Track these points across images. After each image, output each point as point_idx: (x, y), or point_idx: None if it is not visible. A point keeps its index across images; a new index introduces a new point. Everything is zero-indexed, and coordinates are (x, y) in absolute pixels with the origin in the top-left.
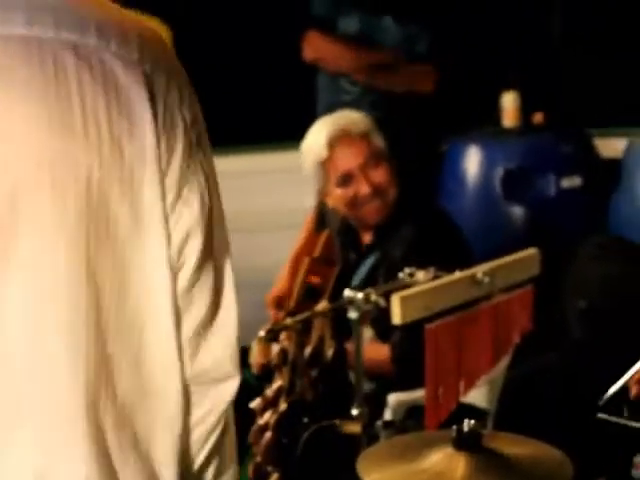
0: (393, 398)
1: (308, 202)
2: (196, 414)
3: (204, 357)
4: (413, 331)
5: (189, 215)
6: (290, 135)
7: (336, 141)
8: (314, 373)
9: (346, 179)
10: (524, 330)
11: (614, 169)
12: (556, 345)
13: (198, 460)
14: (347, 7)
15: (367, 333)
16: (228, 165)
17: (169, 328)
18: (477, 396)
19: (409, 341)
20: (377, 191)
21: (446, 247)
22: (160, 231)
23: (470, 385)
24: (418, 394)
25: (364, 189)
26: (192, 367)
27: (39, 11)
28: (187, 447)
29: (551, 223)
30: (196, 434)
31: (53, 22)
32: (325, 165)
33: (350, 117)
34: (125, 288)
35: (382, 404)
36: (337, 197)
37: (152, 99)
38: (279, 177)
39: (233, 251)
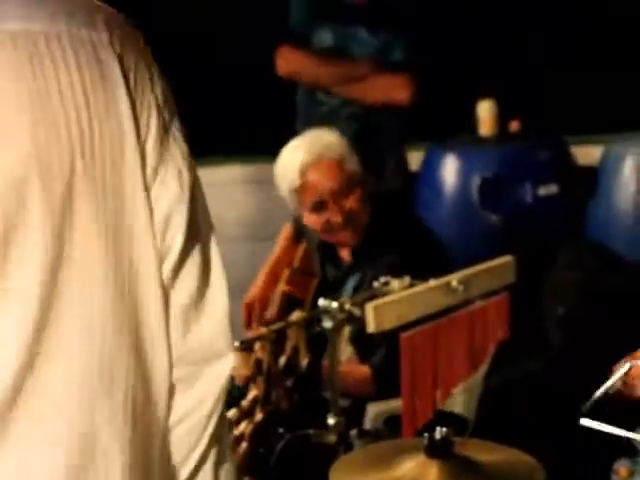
0: (372, 408)
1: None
2: (191, 397)
3: (195, 335)
4: (394, 351)
5: (168, 193)
6: (270, 147)
7: (309, 168)
8: (289, 383)
9: (318, 206)
10: (500, 338)
11: (591, 176)
12: (535, 352)
13: (198, 449)
14: (321, 20)
15: (345, 352)
16: (210, 176)
17: (158, 309)
18: (455, 404)
19: (391, 361)
20: (349, 218)
21: (427, 264)
22: (143, 210)
23: (447, 393)
24: (396, 403)
25: (336, 217)
26: (183, 346)
27: (7, 3)
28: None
29: (528, 231)
30: (192, 420)
31: (24, 14)
32: (298, 191)
33: (323, 141)
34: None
35: (359, 414)
36: (311, 222)
37: (125, 77)
38: (257, 188)
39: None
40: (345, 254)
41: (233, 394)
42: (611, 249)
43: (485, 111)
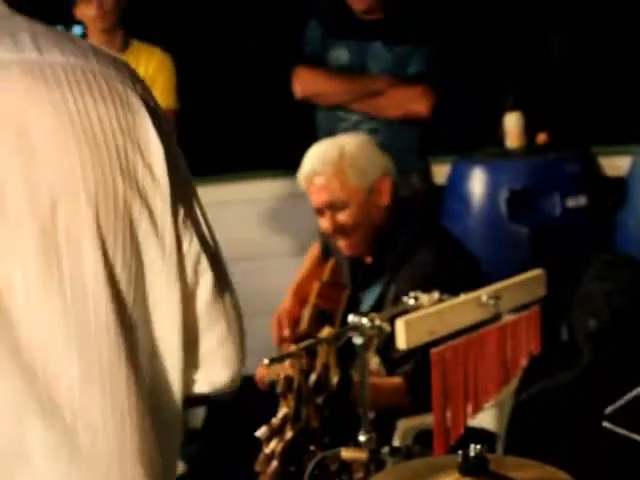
0: (402, 423)
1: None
2: None
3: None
4: (425, 360)
5: (195, 233)
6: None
7: (311, 177)
8: (319, 400)
9: (318, 212)
10: (532, 352)
11: (619, 187)
12: (567, 366)
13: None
14: (336, 38)
15: (372, 363)
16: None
17: None
18: (485, 419)
19: (423, 370)
20: (340, 230)
21: (457, 278)
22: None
23: (478, 408)
24: (427, 419)
25: (327, 226)
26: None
27: (43, 38)
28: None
29: (557, 243)
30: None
31: (60, 49)
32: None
33: (326, 154)
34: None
35: (389, 430)
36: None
37: (150, 113)
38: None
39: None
40: (368, 259)
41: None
42: None
43: (512, 123)
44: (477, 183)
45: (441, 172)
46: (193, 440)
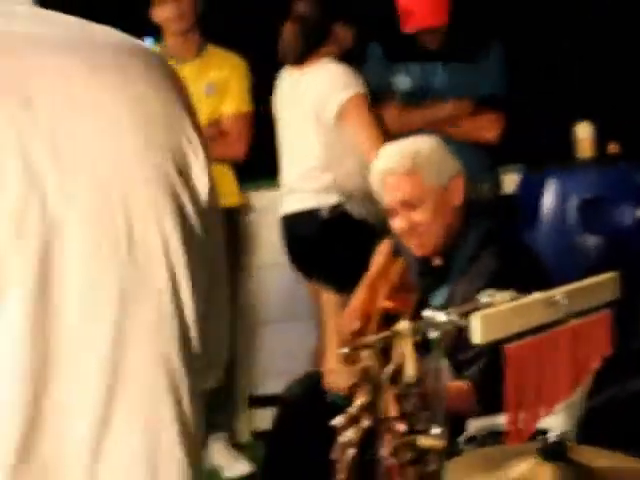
0: (473, 424)
1: None
2: None
3: None
4: (492, 364)
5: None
6: None
7: (385, 175)
8: (395, 391)
9: (391, 212)
10: (603, 354)
11: None
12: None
13: None
14: (396, 62)
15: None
16: None
17: None
18: (552, 421)
19: (490, 373)
20: (413, 230)
21: (528, 279)
22: None
23: (549, 410)
24: (498, 419)
25: (400, 225)
26: None
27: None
28: None
29: (628, 253)
30: None
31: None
32: (381, 196)
33: (403, 152)
34: None
35: (458, 431)
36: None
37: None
38: None
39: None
40: (436, 260)
41: (339, 403)
42: None
43: (583, 133)
44: (548, 192)
45: (511, 181)
46: (262, 441)
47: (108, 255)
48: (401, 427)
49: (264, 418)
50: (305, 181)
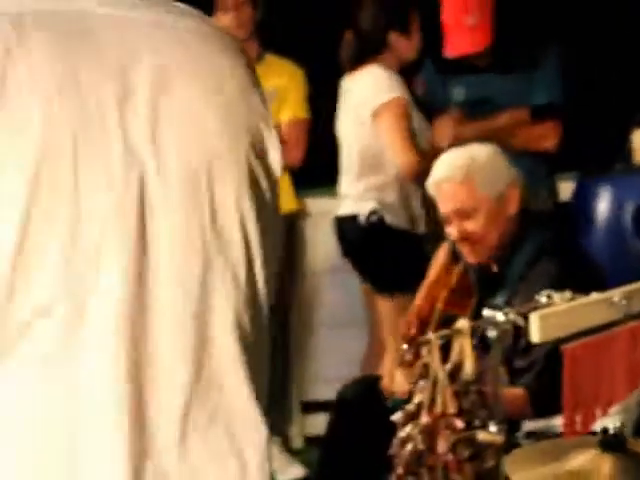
0: (528, 426)
1: None
2: None
3: None
4: (547, 371)
5: None
6: None
7: (440, 184)
8: (454, 388)
9: (445, 219)
10: None
11: None
12: None
13: None
14: (451, 75)
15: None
16: None
17: None
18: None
19: (544, 381)
20: (467, 238)
21: (586, 283)
22: None
23: (605, 411)
24: (553, 422)
25: (454, 234)
26: None
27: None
28: None
29: None
30: None
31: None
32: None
33: (457, 162)
34: None
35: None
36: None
37: None
38: None
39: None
40: (493, 266)
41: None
42: None
43: (639, 140)
44: (603, 199)
45: (568, 189)
46: (315, 446)
47: (195, 224)
48: (459, 423)
49: (316, 424)
50: (350, 186)
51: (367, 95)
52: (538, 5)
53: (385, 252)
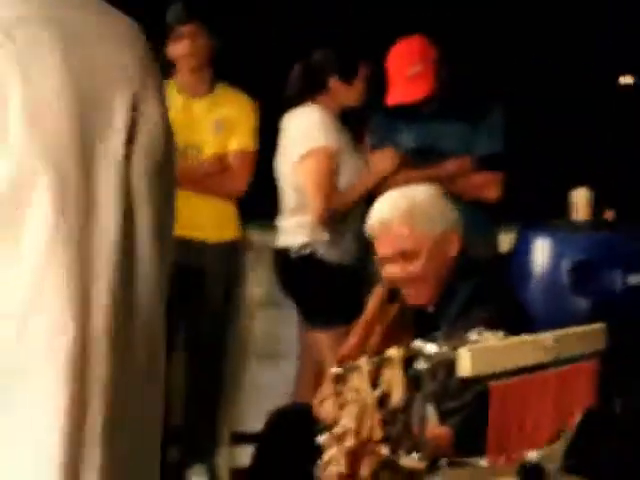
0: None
1: None
2: None
3: None
4: (475, 415)
5: None
6: None
7: (380, 225)
8: (381, 415)
9: (383, 260)
10: (586, 404)
11: None
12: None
13: None
14: (401, 122)
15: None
16: None
17: None
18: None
19: (471, 424)
20: (409, 279)
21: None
22: None
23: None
24: (479, 462)
25: (394, 273)
26: None
27: None
28: None
29: (616, 318)
30: None
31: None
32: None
33: (395, 202)
34: None
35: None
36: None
37: None
38: None
39: None
40: (430, 310)
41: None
42: None
43: (580, 198)
44: (541, 252)
45: (507, 240)
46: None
47: None
48: (384, 450)
49: (244, 455)
50: (285, 220)
51: (297, 138)
52: (488, 59)
53: (317, 285)
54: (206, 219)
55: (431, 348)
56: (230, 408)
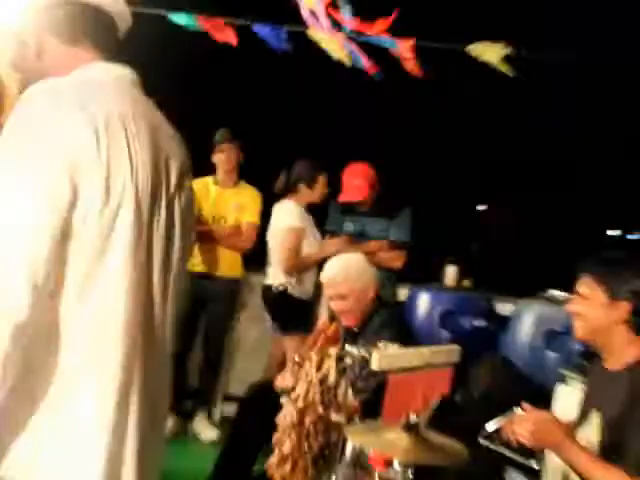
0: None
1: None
2: None
3: None
4: (376, 394)
5: None
6: None
7: (328, 277)
8: (321, 389)
9: (329, 298)
10: (443, 392)
11: (507, 320)
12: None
13: None
14: (346, 215)
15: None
16: None
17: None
18: None
19: (373, 400)
20: (342, 310)
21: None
22: None
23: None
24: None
25: (335, 307)
26: None
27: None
28: None
29: (468, 345)
30: None
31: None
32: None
33: (337, 265)
34: None
35: None
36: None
37: None
38: None
39: None
40: (355, 330)
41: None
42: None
43: (450, 271)
44: (423, 302)
45: (403, 293)
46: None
47: None
48: (320, 409)
49: (232, 409)
50: (270, 268)
51: (277, 219)
52: (403, 179)
53: (287, 309)
54: (223, 262)
55: (354, 351)
56: (224, 379)
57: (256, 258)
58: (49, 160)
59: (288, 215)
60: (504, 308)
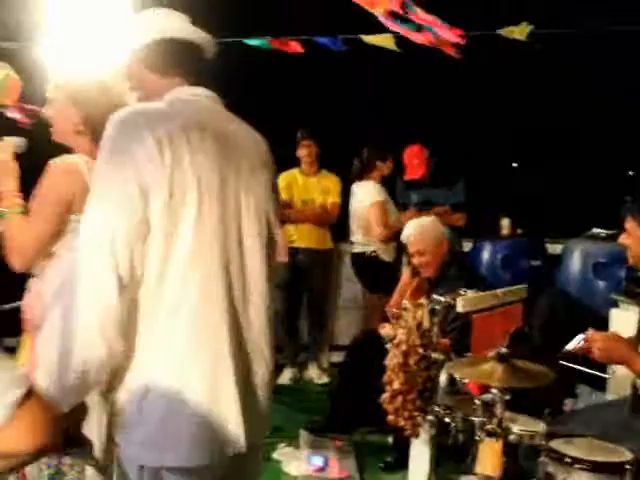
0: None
1: None
2: None
3: None
4: (462, 332)
5: None
6: None
7: (409, 238)
8: (419, 333)
9: (411, 254)
10: (517, 325)
11: (556, 258)
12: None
13: None
14: (411, 190)
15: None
16: None
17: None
18: None
19: (460, 337)
20: (424, 264)
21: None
22: None
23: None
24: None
25: (417, 262)
26: None
27: None
28: None
29: (527, 283)
30: None
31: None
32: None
33: (414, 227)
34: None
35: None
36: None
37: None
38: None
39: None
40: (435, 280)
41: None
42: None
43: (504, 224)
44: (487, 251)
45: (468, 246)
46: (337, 367)
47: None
48: (420, 350)
49: (338, 357)
50: (359, 238)
51: (363, 197)
52: (452, 152)
53: (377, 271)
54: (316, 237)
55: (441, 298)
56: (328, 333)
57: (340, 230)
58: (121, 172)
59: (371, 192)
60: (555, 248)
